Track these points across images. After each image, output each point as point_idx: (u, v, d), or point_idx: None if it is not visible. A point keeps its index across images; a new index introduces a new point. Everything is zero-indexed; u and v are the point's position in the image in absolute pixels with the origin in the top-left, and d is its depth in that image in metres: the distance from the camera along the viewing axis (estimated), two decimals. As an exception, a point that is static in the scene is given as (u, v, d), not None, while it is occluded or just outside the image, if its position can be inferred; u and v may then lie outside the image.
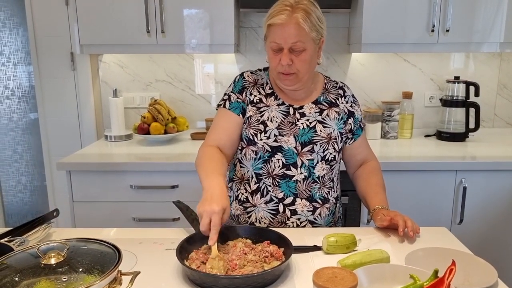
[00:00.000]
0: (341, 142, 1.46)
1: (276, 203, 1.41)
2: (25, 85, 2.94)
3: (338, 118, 1.46)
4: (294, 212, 1.41)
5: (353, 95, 1.54)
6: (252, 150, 1.42)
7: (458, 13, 2.23)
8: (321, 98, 1.48)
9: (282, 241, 1.17)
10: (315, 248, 1.23)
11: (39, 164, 2.99)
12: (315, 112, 1.44)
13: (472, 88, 2.46)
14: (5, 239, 1.20)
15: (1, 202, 3.07)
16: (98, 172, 2.10)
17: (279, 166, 1.40)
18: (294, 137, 1.40)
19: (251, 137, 1.41)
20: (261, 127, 1.41)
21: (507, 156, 2.15)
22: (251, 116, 1.43)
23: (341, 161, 1.56)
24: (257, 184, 1.42)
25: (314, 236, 1.31)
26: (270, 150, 1.39)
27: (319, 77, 1.52)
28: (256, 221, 1.43)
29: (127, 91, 2.70)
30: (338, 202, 1.54)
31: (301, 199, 1.41)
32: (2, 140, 3.00)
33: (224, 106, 1.45)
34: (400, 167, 2.08)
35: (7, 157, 3.02)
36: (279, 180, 1.40)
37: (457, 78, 2.53)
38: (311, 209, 1.42)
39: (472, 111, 2.48)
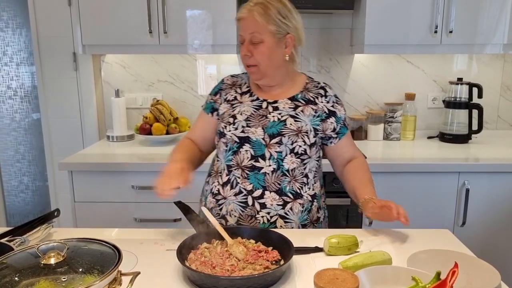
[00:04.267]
0: (314, 137, 1.45)
1: (245, 195, 1.41)
2: (28, 85, 2.95)
3: (314, 116, 1.47)
4: (263, 206, 1.40)
5: (335, 95, 1.54)
6: (223, 142, 1.47)
7: (462, 14, 2.22)
8: (299, 95, 1.50)
9: (283, 242, 1.17)
10: (317, 249, 1.23)
11: (41, 164, 3.00)
12: (290, 108, 1.46)
13: (475, 90, 2.45)
14: (6, 238, 1.20)
15: (3, 202, 3.08)
16: (100, 172, 2.10)
17: (248, 157, 1.42)
18: (263, 128, 1.43)
19: (221, 129, 1.47)
20: (231, 120, 1.46)
21: (510, 158, 2.14)
22: (224, 112, 1.51)
23: (323, 161, 1.56)
24: (228, 176, 1.44)
25: (315, 237, 1.30)
26: (238, 141, 1.43)
27: (300, 77, 1.55)
28: (227, 214, 1.44)
29: (129, 92, 2.71)
30: (316, 201, 1.50)
31: (270, 192, 1.40)
32: (5, 140, 3.01)
33: (203, 108, 1.61)
34: (403, 169, 2.07)
35: (9, 157, 3.03)
36: (248, 172, 1.41)
37: (460, 79, 2.52)
38: (281, 203, 1.41)
39: (475, 112, 2.47)
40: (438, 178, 2.09)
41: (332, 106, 1.50)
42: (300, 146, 1.42)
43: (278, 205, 1.41)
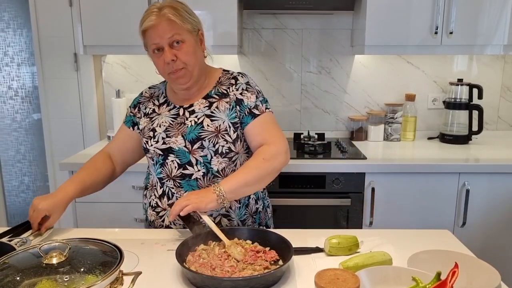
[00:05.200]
0: (234, 132, 1.41)
1: None
2: (29, 85, 2.95)
3: (229, 108, 1.41)
4: None
5: (247, 82, 1.46)
6: (149, 157, 1.46)
7: (462, 15, 2.23)
8: (212, 91, 1.45)
9: (281, 242, 1.17)
10: (317, 249, 1.23)
11: (42, 165, 3.00)
12: (204, 107, 1.42)
13: (475, 91, 2.45)
14: (6, 238, 1.20)
15: (3, 202, 3.08)
16: (101, 172, 2.10)
17: (176, 167, 1.40)
18: (182, 136, 1.40)
19: (144, 145, 1.45)
20: (151, 134, 1.44)
21: (510, 159, 2.14)
22: (144, 127, 1.47)
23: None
24: (162, 188, 1.43)
25: (316, 238, 1.31)
26: (162, 153, 1.41)
27: (215, 72, 1.51)
28: (170, 224, 1.43)
29: (130, 92, 2.71)
30: (253, 194, 1.48)
31: None
32: (5, 140, 3.01)
33: (123, 121, 1.58)
34: (403, 170, 2.08)
35: (10, 157, 3.03)
36: (179, 181, 1.40)
37: (460, 80, 2.52)
38: None
39: (475, 113, 2.47)
40: (439, 179, 2.09)
41: (241, 93, 1.43)
42: (223, 146, 1.39)
43: None
